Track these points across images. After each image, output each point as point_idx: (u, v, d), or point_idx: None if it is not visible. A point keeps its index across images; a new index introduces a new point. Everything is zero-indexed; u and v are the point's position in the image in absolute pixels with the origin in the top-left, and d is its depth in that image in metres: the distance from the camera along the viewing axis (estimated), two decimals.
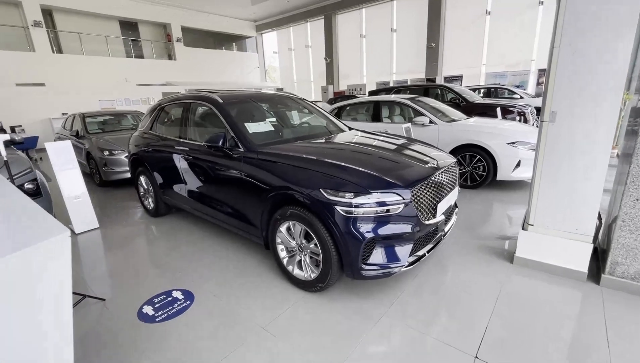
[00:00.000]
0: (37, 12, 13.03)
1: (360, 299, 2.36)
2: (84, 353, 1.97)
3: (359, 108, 6.59)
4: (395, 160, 2.51)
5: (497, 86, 12.04)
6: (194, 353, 1.94)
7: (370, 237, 2.07)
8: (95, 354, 1.97)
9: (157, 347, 2.00)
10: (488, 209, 4.04)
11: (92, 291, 2.63)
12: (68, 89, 13.50)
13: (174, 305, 2.41)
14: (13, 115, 11.96)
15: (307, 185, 2.23)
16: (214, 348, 1.97)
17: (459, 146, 4.77)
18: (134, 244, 3.55)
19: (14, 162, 3.16)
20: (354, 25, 18.04)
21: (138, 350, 1.98)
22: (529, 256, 2.64)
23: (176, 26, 17.90)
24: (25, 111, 12.29)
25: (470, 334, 1.98)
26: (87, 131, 6.40)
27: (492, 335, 1.97)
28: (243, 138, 2.81)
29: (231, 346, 1.97)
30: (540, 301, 2.26)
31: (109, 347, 2.03)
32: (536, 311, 2.16)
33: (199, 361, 1.88)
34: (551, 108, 2.35)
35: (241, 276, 2.76)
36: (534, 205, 2.58)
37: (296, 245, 2.44)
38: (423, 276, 2.63)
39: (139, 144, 4.13)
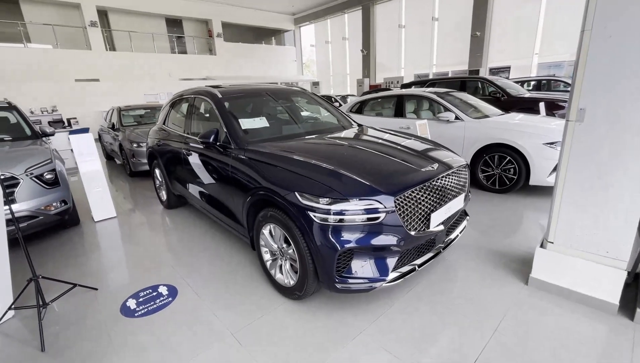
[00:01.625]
0: (93, 13, 14.20)
1: (343, 311, 2.18)
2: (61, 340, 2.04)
3: (383, 103, 6.24)
4: (384, 162, 2.26)
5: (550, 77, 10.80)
6: (157, 353, 1.91)
7: (347, 248, 1.87)
8: (69, 342, 2.03)
9: (128, 342, 2.01)
10: (514, 219, 3.58)
11: (88, 280, 2.74)
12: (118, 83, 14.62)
13: (156, 301, 2.42)
14: (71, 108, 13.23)
15: (284, 187, 2.08)
16: (178, 351, 1.92)
17: (488, 145, 4.30)
18: (142, 235, 3.67)
19: (34, 153, 3.41)
20: (392, 16, 17.27)
21: (110, 345, 2.00)
22: (546, 278, 2.26)
23: (217, 22, 18.50)
24: (81, 104, 13.53)
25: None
26: (122, 124, 6.82)
27: None
28: (234, 134, 2.73)
29: (194, 351, 1.92)
30: (551, 333, 1.91)
31: (83, 337, 2.07)
32: (544, 344, 1.82)
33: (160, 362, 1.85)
34: (579, 105, 1.95)
35: (228, 276, 2.70)
36: (555, 220, 2.18)
37: (277, 248, 2.32)
38: (419, 290, 2.37)
39: (154, 138, 4.27)
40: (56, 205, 3.39)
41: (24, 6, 13.61)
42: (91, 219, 4.14)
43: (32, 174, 3.21)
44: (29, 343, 2.05)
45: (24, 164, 3.19)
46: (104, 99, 13.66)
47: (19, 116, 4.27)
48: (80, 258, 3.17)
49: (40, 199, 3.24)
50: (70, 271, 2.91)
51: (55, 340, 2.06)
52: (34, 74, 12.83)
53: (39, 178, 3.26)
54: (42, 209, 3.26)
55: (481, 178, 4.48)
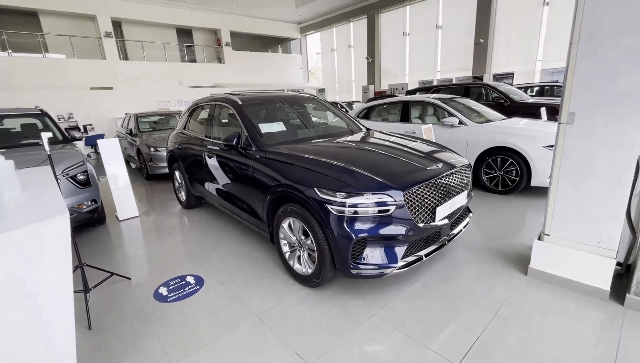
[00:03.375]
0: (108, 24, 14.75)
1: (355, 299, 2.39)
2: (104, 320, 2.28)
3: (389, 109, 6.49)
4: (394, 162, 2.49)
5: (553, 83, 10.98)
6: (193, 331, 2.14)
7: (361, 237, 2.10)
8: (112, 322, 2.27)
9: (164, 323, 2.24)
10: (516, 218, 3.77)
11: (121, 271, 2.99)
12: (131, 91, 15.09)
13: (185, 289, 2.65)
14: (86, 115, 13.68)
15: (304, 183, 2.32)
16: (211, 328, 2.15)
17: (491, 148, 4.51)
18: (165, 232, 3.93)
19: (69, 156, 3.70)
20: (397, 23, 17.62)
21: (148, 324, 2.24)
22: (544, 268, 2.45)
23: (225, 31, 19.01)
24: (96, 111, 13.98)
25: (456, 345, 1.92)
26: (139, 130, 7.15)
27: (481, 349, 1.89)
28: (255, 137, 2.98)
29: (225, 329, 2.14)
30: (548, 316, 2.11)
31: (123, 318, 2.31)
32: (540, 328, 2.02)
33: (196, 338, 2.07)
34: (569, 109, 2.17)
35: (249, 267, 2.94)
36: (551, 214, 2.39)
37: (296, 240, 2.55)
38: (424, 280, 2.58)
39: (175, 142, 4.55)
40: (87, 204, 3.66)
41: (43, 18, 14.19)
42: (116, 219, 4.41)
43: (68, 175, 3.49)
44: (78, 322, 2.29)
45: (61, 166, 3.47)
46: (116, 106, 14.10)
47: (51, 122, 4.59)
48: (110, 252, 3.43)
49: (74, 198, 3.52)
50: (103, 264, 3.16)
51: (101, 320, 2.31)
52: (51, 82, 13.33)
53: (73, 178, 3.54)
54: (75, 207, 3.53)
55: (484, 180, 4.68)
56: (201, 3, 17.02)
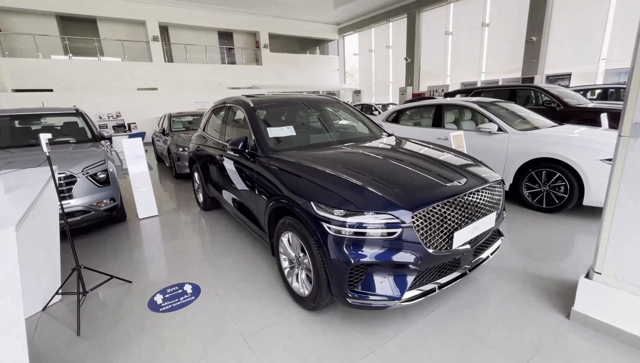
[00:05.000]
0: (155, 29, 15.68)
1: (355, 328, 2.11)
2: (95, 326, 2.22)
3: (421, 112, 6.03)
4: (407, 175, 2.16)
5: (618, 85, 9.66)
6: (174, 349, 2.00)
7: (359, 262, 1.82)
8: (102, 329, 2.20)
9: (150, 336, 2.13)
10: (562, 241, 3.22)
11: (126, 272, 2.97)
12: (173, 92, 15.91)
13: (180, 298, 2.55)
14: (133, 114, 14.64)
15: (302, 195, 2.09)
16: (190, 348, 2.00)
17: (533, 159, 3.94)
18: (178, 234, 3.90)
19: (91, 155, 3.80)
20: (439, 22, 16.75)
21: (134, 335, 2.14)
22: (591, 313, 1.99)
23: (264, 33, 19.39)
24: (141, 110, 14.92)
25: None
26: (171, 130, 7.38)
27: None
28: (262, 142, 2.81)
29: (205, 351, 1.98)
30: None
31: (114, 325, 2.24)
32: None
33: (173, 357, 1.93)
34: (633, 119, 1.71)
35: (250, 280, 2.77)
36: (604, 247, 1.93)
37: (295, 257, 2.33)
38: (440, 313, 2.22)
39: (195, 143, 4.55)
40: (106, 202, 3.74)
41: (100, 24, 15.45)
42: (136, 217, 4.50)
43: (88, 174, 3.58)
44: (69, 326, 2.26)
45: (81, 164, 3.57)
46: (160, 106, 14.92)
47: (84, 121, 4.82)
48: (121, 252, 3.45)
49: (93, 196, 3.61)
50: (111, 264, 3.18)
51: (91, 325, 2.26)
52: (104, 83, 14.45)
53: (93, 177, 3.63)
54: (94, 205, 3.62)
55: (526, 195, 4.11)
56: (242, 5, 17.50)
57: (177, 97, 15.77)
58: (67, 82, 13.56)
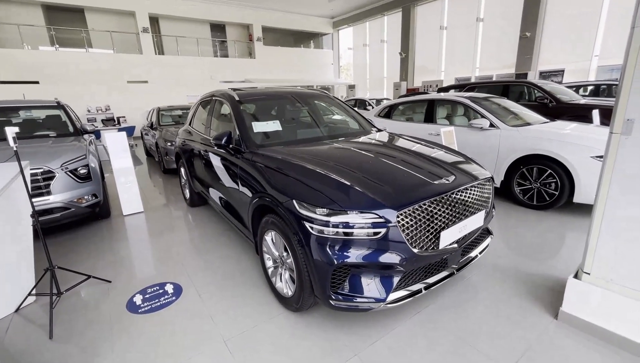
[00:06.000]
0: (145, 20, 15.31)
1: (340, 329, 2.05)
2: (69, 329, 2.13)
3: (413, 107, 5.96)
4: (394, 172, 2.09)
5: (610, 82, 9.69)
6: (149, 352, 1.92)
7: (342, 263, 1.75)
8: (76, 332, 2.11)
9: (126, 338, 2.04)
10: (552, 239, 3.19)
11: (106, 271, 2.87)
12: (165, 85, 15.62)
13: (160, 299, 2.46)
14: (122, 107, 14.35)
15: (285, 193, 2.01)
16: (167, 351, 1.92)
17: (525, 156, 3.90)
18: (163, 231, 3.80)
19: (71, 150, 3.67)
20: (434, 17, 16.63)
21: (110, 338, 2.05)
22: (579, 314, 1.95)
23: (257, 26, 19.07)
24: (131, 104, 14.63)
25: None
26: (159, 124, 7.21)
27: None
28: (246, 137, 2.71)
29: (182, 354, 1.90)
30: None
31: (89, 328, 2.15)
32: None
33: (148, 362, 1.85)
34: (625, 115, 1.65)
35: (234, 279, 2.69)
36: (593, 247, 1.88)
37: (278, 256, 2.25)
38: (428, 313, 2.17)
39: (181, 138, 4.43)
40: (87, 198, 3.62)
41: (88, 15, 15.03)
42: (121, 213, 4.38)
43: (67, 169, 3.45)
44: (42, 329, 2.16)
45: (60, 159, 3.44)
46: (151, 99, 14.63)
47: (65, 115, 4.65)
48: (102, 250, 3.34)
49: (73, 192, 3.48)
50: (92, 262, 3.07)
51: (65, 327, 2.17)
52: (92, 75, 14.10)
53: (73, 172, 3.50)
54: (74, 201, 3.49)
55: (517, 192, 4.08)
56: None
57: (168, 90, 15.51)
58: (54, 75, 13.20)
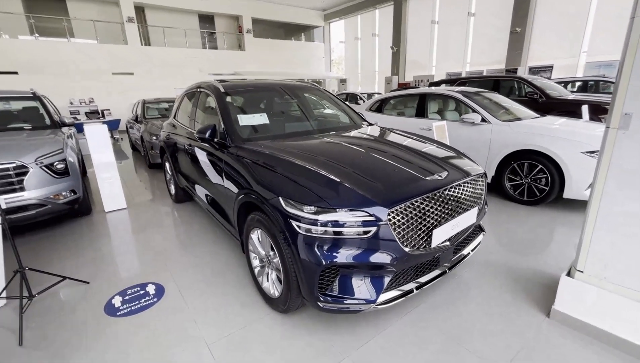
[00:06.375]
0: (131, 9, 14.80)
1: (330, 330, 1.98)
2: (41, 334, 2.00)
3: (405, 101, 5.89)
4: (384, 168, 2.01)
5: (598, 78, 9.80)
6: (125, 358, 1.81)
7: (331, 263, 1.66)
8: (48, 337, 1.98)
9: (102, 344, 1.93)
10: (543, 235, 3.18)
11: (83, 272, 2.72)
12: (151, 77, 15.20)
13: (141, 300, 2.34)
14: (107, 100, 13.92)
15: (271, 190, 1.91)
16: (146, 357, 1.81)
17: (516, 151, 3.88)
18: (146, 228, 3.65)
19: (47, 143, 3.48)
20: (425, 10, 16.54)
21: (83, 344, 1.93)
22: (572, 312, 1.92)
23: (247, 18, 18.67)
24: (116, 96, 14.21)
25: None
26: (145, 117, 6.97)
27: None
28: (231, 130, 2.59)
29: (163, 359, 1.80)
30: None
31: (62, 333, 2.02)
32: None
33: None
34: (623, 109, 1.60)
35: (218, 278, 2.58)
36: (587, 244, 1.84)
37: (265, 255, 2.15)
38: (419, 312, 2.11)
39: (165, 132, 4.26)
40: (65, 194, 3.44)
41: (70, 3, 14.44)
42: (103, 210, 4.20)
43: (42, 164, 3.27)
44: (12, 334, 2.03)
45: (34, 154, 3.25)
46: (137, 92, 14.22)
47: (41, 106, 4.42)
48: (81, 249, 3.19)
49: (49, 188, 3.30)
50: (69, 262, 2.92)
51: (36, 333, 2.03)
52: (75, 66, 13.60)
53: (48, 167, 3.32)
54: (50, 198, 3.32)
55: (508, 188, 4.06)
56: None
57: (154, 82, 15.09)
58: (34, 65, 12.67)
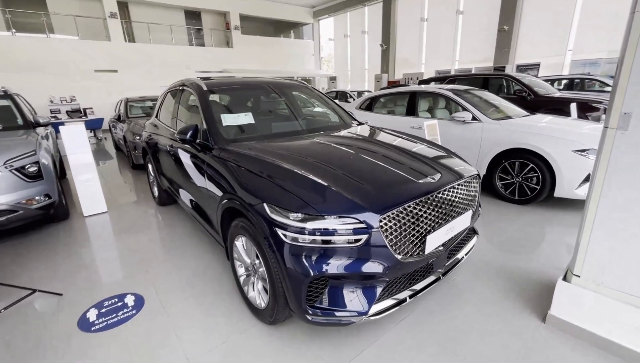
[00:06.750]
0: (113, 4, 14.34)
1: (321, 342, 1.87)
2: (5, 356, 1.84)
3: (395, 100, 5.82)
4: (376, 171, 1.91)
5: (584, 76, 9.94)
6: None
7: (319, 274, 1.56)
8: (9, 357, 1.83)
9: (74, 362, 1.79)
10: (535, 234, 3.14)
11: (56, 283, 2.55)
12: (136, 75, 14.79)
13: (119, 313, 2.19)
14: (90, 98, 13.48)
15: (255, 195, 1.79)
16: None
17: (507, 150, 3.84)
18: (128, 233, 3.48)
19: (18, 145, 3.27)
20: (414, 8, 16.55)
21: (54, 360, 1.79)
22: (569, 318, 1.86)
23: (235, 14, 18.36)
24: (99, 94, 13.77)
25: None
26: (127, 116, 6.73)
27: None
28: (214, 131, 2.46)
29: None
30: None
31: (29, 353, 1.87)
32: None
33: None
34: (622, 108, 1.53)
35: (202, 286, 2.45)
36: (584, 248, 1.78)
37: (250, 264, 2.03)
38: (413, 319, 2.03)
39: (147, 132, 4.08)
40: (39, 199, 3.24)
41: None
42: (82, 214, 4.00)
43: (12, 167, 3.06)
44: None
45: (4, 156, 3.05)
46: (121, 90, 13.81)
47: (14, 105, 4.18)
48: (55, 257, 3.00)
49: (21, 192, 3.10)
50: (41, 272, 2.73)
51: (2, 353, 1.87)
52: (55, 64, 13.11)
53: (19, 170, 3.12)
54: (22, 203, 3.12)
55: (499, 187, 4.03)
56: None
57: (140, 80, 14.69)
58: (10, 62, 12.15)
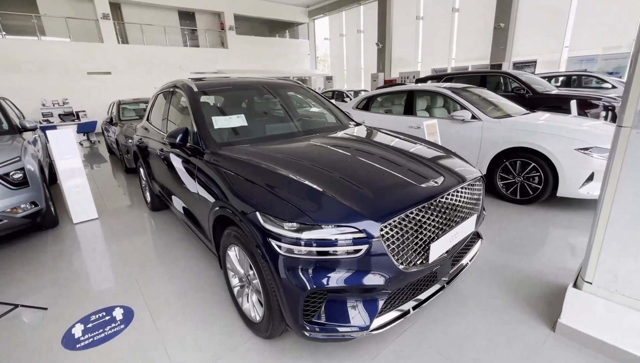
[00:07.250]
0: (105, 6, 14.14)
1: (319, 357, 1.77)
2: None
3: (392, 99, 5.72)
4: (375, 175, 1.80)
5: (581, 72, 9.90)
6: None
7: (317, 287, 1.45)
8: None
9: None
10: (538, 236, 3.05)
11: (41, 297, 2.43)
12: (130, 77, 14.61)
13: (106, 328, 2.08)
14: (83, 100, 13.29)
15: (247, 203, 1.68)
16: None
17: (508, 149, 3.75)
18: (118, 241, 3.36)
19: (2, 150, 3.14)
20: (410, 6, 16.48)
21: None
22: (580, 326, 1.77)
23: (229, 15, 18.20)
24: (93, 97, 13.58)
25: None
26: (120, 118, 6.59)
27: None
28: (204, 134, 2.34)
29: None
30: None
31: None
32: None
33: None
34: (637, 106, 1.44)
35: (194, 297, 2.34)
36: (596, 254, 1.69)
37: (244, 275, 1.93)
38: (416, 329, 1.93)
39: (138, 135, 3.96)
40: (25, 207, 3.12)
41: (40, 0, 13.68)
42: (71, 221, 3.87)
43: None
44: None
45: None
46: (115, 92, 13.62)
47: None
48: (41, 268, 2.87)
49: (5, 201, 2.97)
50: (24, 285, 2.61)
51: None
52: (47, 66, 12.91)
53: (3, 177, 2.99)
54: (7, 212, 2.99)
55: (500, 186, 3.94)
56: None
57: (133, 82, 14.52)
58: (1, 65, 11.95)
